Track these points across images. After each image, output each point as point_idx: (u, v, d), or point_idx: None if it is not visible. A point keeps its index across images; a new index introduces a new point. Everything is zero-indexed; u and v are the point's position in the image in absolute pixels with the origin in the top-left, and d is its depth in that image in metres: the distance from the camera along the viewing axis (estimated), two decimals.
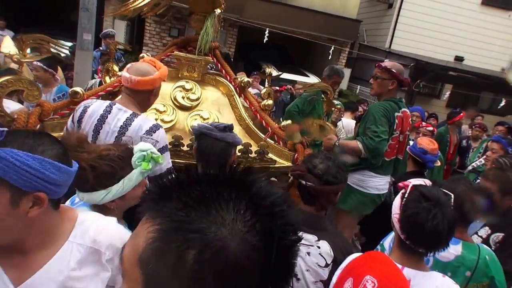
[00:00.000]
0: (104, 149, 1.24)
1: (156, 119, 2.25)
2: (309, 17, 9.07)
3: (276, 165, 2.27)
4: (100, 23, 7.65)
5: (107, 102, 1.75)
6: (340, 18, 9.34)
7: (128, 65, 1.81)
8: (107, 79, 2.40)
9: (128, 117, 1.70)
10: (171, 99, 2.39)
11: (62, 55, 3.71)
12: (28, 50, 1.91)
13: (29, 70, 4.17)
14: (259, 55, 9.30)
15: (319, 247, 1.39)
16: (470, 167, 4.47)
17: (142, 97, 1.81)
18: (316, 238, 1.41)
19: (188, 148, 2.08)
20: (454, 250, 1.54)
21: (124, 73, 1.74)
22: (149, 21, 8.89)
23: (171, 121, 2.31)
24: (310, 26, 9.11)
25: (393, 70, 2.51)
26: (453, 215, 1.23)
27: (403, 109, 2.57)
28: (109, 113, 1.70)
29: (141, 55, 2.31)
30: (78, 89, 2.08)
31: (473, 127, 5.57)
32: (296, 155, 2.24)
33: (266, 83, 2.99)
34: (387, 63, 2.62)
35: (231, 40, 9.52)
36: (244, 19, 8.66)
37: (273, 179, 2.16)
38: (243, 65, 8.85)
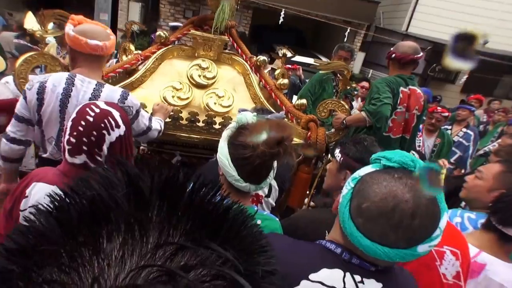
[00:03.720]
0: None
1: (172, 97, 2.27)
2: None
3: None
4: (115, 4, 7.62)
5: (65, 74, 1.61)
6: (356, 0, 9.04)
7: (76, 30, 1.59)
8: (124, 57, 2.42)
9: (95, 88, 1.62)
10: (188, 77, 2.38)
11: None
12: (50, 26, 1.92)
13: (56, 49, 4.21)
14: (273, 38, 9.13)
15: None
16: (481, 151, 4.34)
17: (102, 63, 1.73)
18: None
19: (204, 124, 2.09)
20: None
21: (91, 41, 1.58)
22: (163, 2, 8.80)
23: (187, 98, 2.31)
24: (325, 7, 8.86)
25: (391, 49, 2.58)
26: None
27: (411, 87, 2.55)
28: (73, 86, 1.58)
29: (157, 33, 2.31)
30: None
31: (496, 111, 5.36)
32: (309, 133, 2.22)
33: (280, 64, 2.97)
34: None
35: (245, 22, 9.37)
36: (259, 0, 8.48)
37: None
38: (256, 47, 8.73)
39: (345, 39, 7.58)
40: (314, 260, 0.81)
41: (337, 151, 1.43)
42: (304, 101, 2.38)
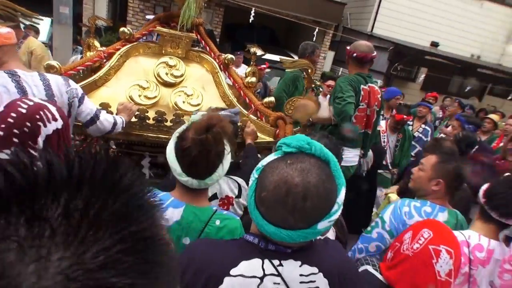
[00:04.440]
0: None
1: (139, 96, 2.15)
2: None
3: (258, 140, 2.22)
4: None
5: (3, 74, 1.45)
6: (324, 1, 9.11)
7: None
8: (88, 54, 2.26)
9: (40, 79, 1.51)
10: (155, 75, 2.27)
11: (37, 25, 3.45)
12: None
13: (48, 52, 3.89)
14: (246, 36, 9.02)
15: None
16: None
17: (16, 52, 1.61)
18: None
19: (172, 124, 1.99)
20: (442, 217, 1.64)
21: (2, 29, 1.45)
22: None
23: (155, 97, 2.21)
24: (296, 7, 8.86)
25: (348, 48, 2.63)
26: None
27: (370, 84, 2.61)
28: (23, 81, 1.47)
29: (121, 29, 2.17)
30: (53, 62, 1.93)
31: (447, 108, 5.74)
32: (278, 130, 2.19)
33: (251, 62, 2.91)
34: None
35: (217, 20, 9.18)
36: None
37: None
38: (230, 46, 8.59)
39: (314, 38, 7.63)
40: (233, 255, 0.81)
41: None
42: (272, 99, 2.35)
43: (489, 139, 4.47)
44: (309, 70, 2.22)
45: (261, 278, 0.78)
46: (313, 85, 2.37)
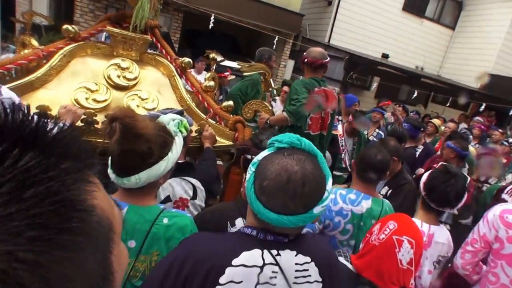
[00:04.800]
0: (150, 121, 1.17)
1: (86, 99, 1.96)
2: (255, 8, 8.87)
3: (217, 144, 2.13)
4: None
5: None
6: (284, 11, 9.28)
7: None
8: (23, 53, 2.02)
9: None
10: (105, 77, 2.09)
11: None
12: None
13: None
14: (207, 43, 8.85)
15: None
16: None
17: None
18: None
19: (83, 124, 1.82)
20: (366, 204, 1.73)
21: None
22: None
23: (105, 100, 2.02)
24: (256, 16, 8.92)
25: (305, 54, 2.72)
26: (462, 187, 1.68)
27: (323, 87, 2.70)
28: None
29: (64, 26, 1.97)
30: None
31: (392, 113, 6.28)
32: (237, 134, 2.11)
33: (212, 68, 2.84)
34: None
35: (176, 25, 8.95)
36: (190, 4, 8.17)
37: None
38: (190, 53, 8.41)
39: (274, 46, 7.71)
40: (234, 247, 0.85)
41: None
42: (231, 102, 2.27)
43: (432, 141, 4.99)
44: (266, 74, 2.18)
45: (261, 267, 0.82)
46: (270, 89, 2.35)
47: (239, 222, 1.28)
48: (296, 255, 0.86)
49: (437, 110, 12.07)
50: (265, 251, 0.84)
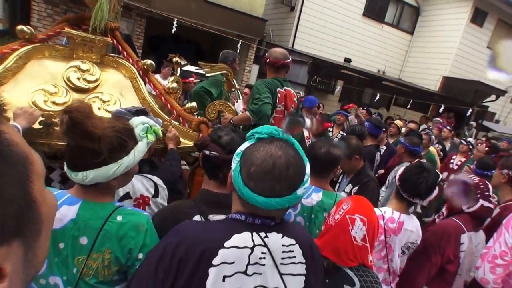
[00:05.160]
0: (109, 121, 1.14)
1: (45, 101, 1.95)
2: (218, 13, 9.00)
3: (181, 146, 2.19)
4: None
5: None
6: (247, 16, 9.49)
7: None
8: None
9: None
10: (64, 80, 2.09)
11: None
12: None
13: None
14: (171, 49, 8.83)
15: None
16: None
17: None
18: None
19: (41, 126, 1.80)
20: (316, 197, 1.78)
21: None
22: (36, 0, 7.56)
23: (65, 103, 2.02)
24: (219, 21, 9.05)
25: (267, 55, 2.79)
26: (433, 182, 1.82)
27: (286, 87, 2.79)
28: None
29: (19, 27, 1.97)
30: None
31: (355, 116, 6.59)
32: (201, 135, 2.18)
33: (177, 71, 2.89)
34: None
35: (139, 31, 8.87)
36: (153, 9, 8.15)
37: None
38: (154, 59, 8.34)
39: (238, 51, 7.85)
40: (226, 231, 0.91)
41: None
42: (194, 104, 2.34)
43: (395, 142, 5.22)
44: (229, 75, 2.28)
45: (251, 248, 0.88)
46: (233, 89, 2.44)
47: (197, 219, 1.29)
48: (282, 237, 0.93)
49: (399, 113, 12.80)
50: (254, 234, 0.90)
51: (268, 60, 2.76)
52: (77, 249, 1.08)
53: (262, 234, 0.91)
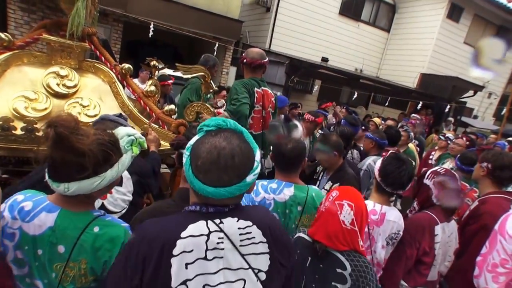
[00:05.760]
0: (95, 133, 1.13)
1: (26, 108, 2.05)
2: (194, 16, 9.11)
3: (161, 148, 2.32)
4: None
5: None
6: (223, 18, 9.64)
7: None
8: None
9: None
10: (44, 86, 2.19)
11: None
12: None
13: None
14: (148, 54, 8.82)
15: None
16: None
17: None
18: None
19: (23, 132, 1.89)
20: (288, 191, 1.84)
21: None
22: (13, 8, 7.53)
23: (45, 109, 2.13)
24: (196, 24, 9.17)
25: (243, 55, 2.84)
26: (412, 172, 1.96)
27: (263, 88, 2.88)
28: None
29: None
30: None
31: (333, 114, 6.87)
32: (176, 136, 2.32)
33: (154, 75, 2.98)
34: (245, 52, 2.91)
35: (116, 36, 8.88)
36: (129, 14, 8.19)
37: None
38: (132, 63, 8.34)
39: (215, 53, 7.99)
40: (181, 222, 0.97)
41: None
42: (172, 106, 2.47)
43: None
44: (206, 76, 2.41)
45: (207, 235, 0.95)
46: (211, 91, 2.55)
47: None
48: (237, 221, 0.99)
49: (377, 111, 13.22)
50: (209, 221, 0.96)
51: (245, 60, 2.83)
52: (55, 256, 1.11)
53: (217, 221, 0.97)
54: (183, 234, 0.93)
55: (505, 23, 12.82)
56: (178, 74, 7.38)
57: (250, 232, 1.00)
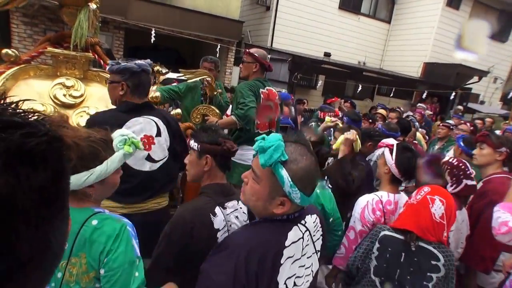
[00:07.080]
0: (85, 132, 1.18)
1: None
2: (195, 18, 9.13)
3: None
4: None
5: None
6: (223, 19, 9.64)
7: None
8: None
9: None
10: (51, 97, 2.21)
11: None
12: None
13: None
14: (151, 59, 8.86)
15: (241, 208, 1.46)
16: None
17: None
18: (237, 201, 1.46)
19: None
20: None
21: None
22: (16, 22, 7.67)
23: None
24: (196, 27, 9.18)
25: (256, 54, 2.80)
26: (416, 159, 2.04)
27: (268, 87, 2.87)
28: None
29: (4, 51, 2.09)
30: None
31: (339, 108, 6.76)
32: (188, 140, 2.31)
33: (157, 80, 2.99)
34: (252, 49, 2.89)
35: (118, 43, 8.95)
36: (129, 21, 8.24)
37: None
38: None
39: (217, 55, 7.98)
40: (278, 232, 1.05)
41: (192, 142, 1.48)
42: (179, 110, 2.47)
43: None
44: (210, 79, 2.40)
45: (302, 237, 1.08)
46: (215, 93, 2.54)
47: (218, 211, 1.37)
48: (311, 216, 1.14)
49: (383, 102, 13.01)
50: (299, 225, 1.09)
51: (259, 62, 2.79)
52: None
53: (303, 222, 1.11)
54: (287, 243, 1.03)
55: (506, 7, 12.55)
56: (182, 77, 7.41)
57: (317, 224, 1.17)
